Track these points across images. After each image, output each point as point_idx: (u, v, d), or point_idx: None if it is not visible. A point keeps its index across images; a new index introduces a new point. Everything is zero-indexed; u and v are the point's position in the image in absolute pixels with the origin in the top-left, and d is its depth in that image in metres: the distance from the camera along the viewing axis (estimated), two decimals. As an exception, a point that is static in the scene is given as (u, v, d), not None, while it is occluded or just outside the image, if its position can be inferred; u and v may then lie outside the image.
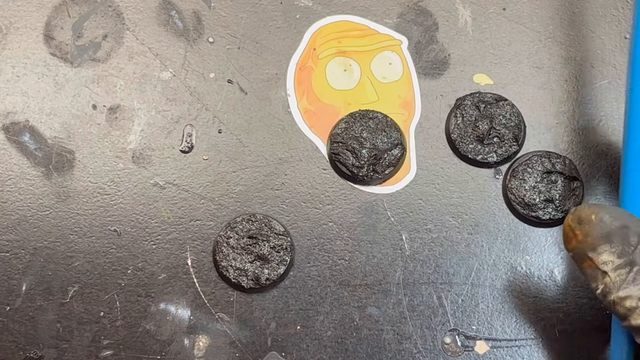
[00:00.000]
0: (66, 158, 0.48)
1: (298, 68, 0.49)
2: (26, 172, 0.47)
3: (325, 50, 0.49)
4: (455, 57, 0.50)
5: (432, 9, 0.50)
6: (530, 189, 0.47)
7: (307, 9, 0.50)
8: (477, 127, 0.48)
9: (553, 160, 0.47)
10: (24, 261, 0.46)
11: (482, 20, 0.50)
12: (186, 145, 0.48)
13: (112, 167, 0.48)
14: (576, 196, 0.47)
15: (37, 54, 0.49)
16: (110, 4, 0.50)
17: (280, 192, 0.47)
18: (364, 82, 0.49)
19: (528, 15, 0.50)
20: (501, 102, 0.48)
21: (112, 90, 0.48)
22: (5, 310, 0.46)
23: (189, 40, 0.49)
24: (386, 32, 0.50)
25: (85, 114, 0.48)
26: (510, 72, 0.49)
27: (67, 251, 0.46)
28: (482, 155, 0.47)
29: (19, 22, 0.49)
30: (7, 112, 0.48)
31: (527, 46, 0.50)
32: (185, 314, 0.46)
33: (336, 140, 0.47)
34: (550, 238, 0.47)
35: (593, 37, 0.50)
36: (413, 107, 0.49)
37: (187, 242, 0.47)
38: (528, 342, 0.46)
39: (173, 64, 0.49)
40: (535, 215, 0.47)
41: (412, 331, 0.46)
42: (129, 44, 0.49)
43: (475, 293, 0.46)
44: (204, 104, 0.48)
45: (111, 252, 0.46)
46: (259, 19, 0.50)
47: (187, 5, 0.50)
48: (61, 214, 0.47)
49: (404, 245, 0.47)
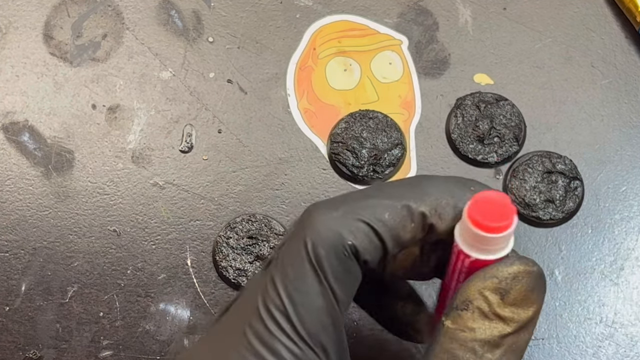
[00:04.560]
0: (65, 158, 0.47)
1: (298, 68, 0.49)
2: (25, 172, 0.47)
3: (325, 50, 0.49)
4: (455, 56, 0.49)
5: (432, 9, 0.50)
6: (531, 189, 0.47)
7: (307, 9, 0.50)
8: (477, 127, 0.47)
9: (553, 160, 0.47)
10: (24, 261, 0.46)
11: (483, 20, 0.50)
12: (186, 145, 0.48)
13: (111, 167, 0.47)
14: (576, 196, 0.47)
15: (36, 53, 0.49)
16: (110, 3, 0.50)
17: (280, 192, 0.47)
18: (364, 82, 0.49)
19: (529, 14, 0.50)
20: (501, 102, 0.48)
21: (111, 90, 0.48)
22: (5, 310, 0.45)
23: (188, 39, 0.49)
24: (386, 31, 0.50)
25: (85, 113, 0.48)
26: (511, 71, 0.49)
27: (66, 251, 0.46)
28: (483, 155, 0.47)
29: (18, 22, 0.49)
30: (7, 112, 0.48)
31: (528, 46, 0.50)
32: (185, 314, 0.46)
33: (336, 140, 0.47)
34: (551, 238, 0.47)
35: (593, 37, 0.50)
36: (413, 107, 0.49)
37: (186, 242, 0.46)
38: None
39: (173, 64, 0.49)
40: (535, 215, 0.46)
41: (413, 331, 0.46)
42: (128, 44, 0.49)
43: (476, 293, 0.46)
44: (204, 104, 0.48)
45: (111, 252, 0.46)
46: (259, 18, 0.50)
47: (187, 5, 0.50)
48: (60, 214, 0.47)
49: (404, 246, 0.47)
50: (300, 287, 0.30)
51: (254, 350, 0.30)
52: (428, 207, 0.31)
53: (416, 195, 0.31)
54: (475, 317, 0.30)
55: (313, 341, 0.30)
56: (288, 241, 0.31)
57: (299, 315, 0.30)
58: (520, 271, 0.30)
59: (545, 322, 0.46)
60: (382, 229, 0.31)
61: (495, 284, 0.30)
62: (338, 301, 0.31)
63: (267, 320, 0.30)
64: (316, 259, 0.30)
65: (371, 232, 0.31)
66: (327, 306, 0.30)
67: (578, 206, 0.47)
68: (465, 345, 0.30)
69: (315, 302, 0.30)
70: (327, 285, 0.30)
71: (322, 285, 0.30)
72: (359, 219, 0.31)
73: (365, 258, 0.31)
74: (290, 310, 0.30)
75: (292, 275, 0.30)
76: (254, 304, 0.31)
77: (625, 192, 0.48)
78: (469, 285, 0.30)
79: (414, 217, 0.31)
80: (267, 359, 0.30)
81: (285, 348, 0.30)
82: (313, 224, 0.31)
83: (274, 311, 0.30)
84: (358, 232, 0.30)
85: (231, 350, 0.30)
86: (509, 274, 0.30)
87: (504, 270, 0.30)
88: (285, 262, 0.31)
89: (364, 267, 0.31)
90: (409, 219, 0.31)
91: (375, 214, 0.31)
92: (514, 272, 0.30)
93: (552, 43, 0.50)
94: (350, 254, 0.31)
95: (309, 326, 0.30)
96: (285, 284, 0.30)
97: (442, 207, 0.31)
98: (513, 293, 0.30)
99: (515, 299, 0.30)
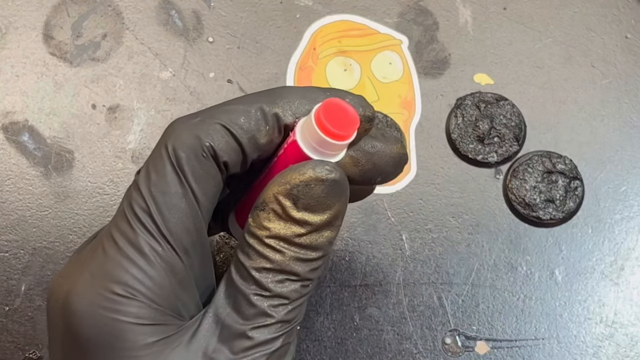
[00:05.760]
0: (65, 158, 0.47)
1: (298, 68, 0.49)
2: (25, 171, 0.47)
3: (326, 49, 0.49)
4: (455, 56, 0.49)
5: (432, 9, 0.50)
6: (531, 189, 0.47)
7: (307, 9, 0.50)
8: (477, 127, 0.47)
9: (554, 160, 0.47)
10: (23, 261, 0.46)
11: (483, 20, 0.50)
12: (186, 145, 0.48)
13: (111, 167, 0.47)
14: (576, 196, 0.47)
15: (36, 53, 0.49)
16: (110, 3, 0.50)
17: (280, 192, 0.47)
18: (364, 82, 0.49)
19: (529, 14, 0.50)
20: (502, 102, 0.48)
21: (111, 90, 0.48)
22: (5, 310, 0.45)
23: (188, 39, 0.49)
24: (386, 31, 0.50)
25: (85, 113, 0.48)
26: (511, 71, 0.49)
27: (66, 251, 0.46)
28: (483, 155, 0.47)
29: (18, 22, 0.49)
30: (7, 112, 0.48)
31: (528, 46, 0.50)
32: (185, 314, 0.46)
33: (336, 140, 0.47)
34: (551, 238, 0.47)
35: (593, 37, 0.50)
36: (413, 107, 0.49)
37: (186, 242, 0.46)
38: (528, 342, 0.46)
39: (173, 64, 0.49)
40: (535, 215, 0.46)
41: (413, 331, 0.46)
42: (128, 44, 0.49)
43: (476, 293, 0.46)
44: (204, 104, 0.48)
45: (111, 252, 0.46)
46: (259, 18, 0.50)
47: (187, 5, 0.50)
48: (60, 213, 0.47)
49: (404, 246, 0.47)
50: (163, 188, 0.31)
51: (117, 247, 0.31)
52: (281, 109, 0.33)
53: (270, 99, 0.33)
54: (271, 217, 0.31)
55: (175, 242, 0.31)
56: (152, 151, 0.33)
57: (162, 215, 0.31)
58: (312, 178, 0.31)
59: (546, 322, 0.46)
60: (239, 131, 0.32)
61: (287, 189, 0.31)
62: (199, 204, 0.32)
63: (131, 219, 0.31)
64: (177, 161, 0.32)
65: (227, 134, 0.32)
66: (190, 209, 0.32)
67: (578, 206, 0.47)
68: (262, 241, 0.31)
69: (178, 203, 0.31)
70: (187, 187, 0.32)
71: (183, 186, 0.31)
72: (216, 122, 0.32)
73: (224, 159, 0.32)
74: (154, 209, 0.31)
75: (155, 178, 0.32)
76: (120, 209, 0.32)
77: (625, 192, 0.48)
78: (268, 188, 0.32)
79: (267, 119, 0.32)
80: (130, 254, 0.31)
81: (148, 245, 0.31)
82: (175, 131, 0.32)
83: (138, 211, 0.31)
84: (215, 134, 0.32)
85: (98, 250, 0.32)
86: (301, 182, 0.31)
87: (295, 178, 0.31)
88: (149, 168, 0.32)
89: (224, 170, 0.33)
90: (263, 121, 0.32)
91: (231, 118, 0.32)
92: (305, 180, 0.31)
93: (552, 43, 0.50)
94: (208, 155, 0.32)
95: (171, 226, 0.31)
96: (149, 186, 0.31)
97: (296, 107, 0.33)
98: (304, 199, 0.31)
99: (307, 205, 0.31)
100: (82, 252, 0.33)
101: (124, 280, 0.31)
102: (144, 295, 0.31)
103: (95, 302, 0.31)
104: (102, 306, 0.30)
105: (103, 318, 0.30)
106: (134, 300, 0.30)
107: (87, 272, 0.31)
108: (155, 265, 0.31)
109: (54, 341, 0.32)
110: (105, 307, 0.30)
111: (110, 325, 0.30)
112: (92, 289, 0.31)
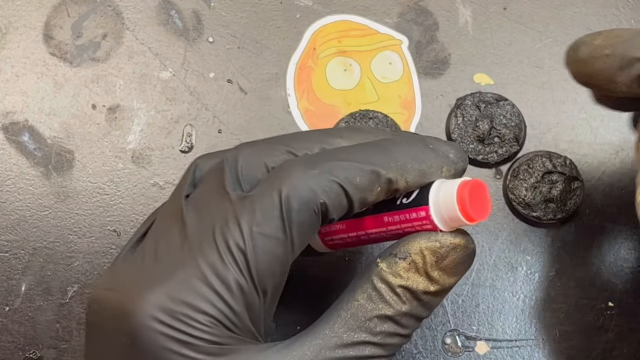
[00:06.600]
0: (65, 158, 0.47)
1: (298, 68, 0.49)
2: (25, 172, 0.47)
3: (326, 50, 0.49)
4: (455, 56, 0.49)
5: (432, 9, 0.50)
6: (531, 189, 0.47)
7: (307, 9, 0.50)
8: (477, 127, 0.47)
9: (554, 160, 0.47)
10: (23, 261, 0.46)
11: (483, 20, 0.50)
12: (186, 145, 0.48)
13: (111, 167, 0.47)
14: (577, 196, 0.47)
15: (36, 53, 0.49)
16: (110, 3, 0.50)
17: (280, 192, 0.47)
18: (364, 82, 0.49)
19: (529, 14, 0.50)
20: (502, 102, 0.48)
21: (111, 90, 0.48)
22: (5, 310, 0.45)
23: (188, 39, 0.49)
24: (386, 31, 0.50)
25: (85, 113, 0.48)
26: (511, 71, 0.49)
27: (66, 251, 0.46)
28: (483, 155, 0.47)
29: (18, 22, 0.49)
30: (7, 112, 0.48)
31: (528, 46, 0.50)
32: (185, 315, 0.46)
33: (336, 140, 0.47)
34: (551, 238, 0.47)
35: (593, 37, 0.50)
36: (413, 107, 0.49)
37: (186, 242, 0.46)
38: (528, 342, 0.46)
39: (173, 64, 0.49)
40: (535, 215, 0.46)
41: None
42: (128, 44, 0.49)
43: (476, 293, 0.46)
44: (204, 104, 0.48)
45: (111, 252, 0.46)
46: (259, 18, 0.50)
47: (187, 5, 0.50)
48: (60, 214, 0.47)
49: (404, 246, 0.47)
50: (266, 232, 0.32)
51: (205, 278, 0.32)
52: (394, 174, 0.34)
53: (385, 161, 0.34)
54: (409, 268, 0.34)
55: (259, 283, 0.32)
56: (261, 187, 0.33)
57: (256, 256, 0.32)
58: (460, 244, 0.34)
59: (546, 322, 0.46)
60: (353, 191, 0.33)
61: (437, 247, 0.34)
62: (294, 252, 0.33)
63: (224, 253, 0.32)
64: (287, 210, 0.32)
65: (342, 193, 0.33)
66: (283, 255, 0.33)
67: (578, 206, 0.47)
68: (392, 289, 0.34)
69: (274, 249, 0.32)
70: (289, 236, 0.32)
71: (286, 235, 0.32)
72: (333, 180, 0.33)
73: (332, 217, 0.33)
74: (250, 249, 0.32)
75: (260, 219, 0.32)
76: (209, 236, 0.32)
77: (625, 192, 0.48)
78: (414, 240, 0.34)
79: (381, 182, 0.34)
80: (217, 287, 0.31)
81: (235, 281, 0.32)
82: (291, 178, 0.33)
83: (232, 246, 0.32)
84: (331, 193, 0.33)
85: (178, 273, 0.32)
86: (451, 244, 0.34)
87: (448, 239, 0.34)
88: (256, 206, 0.32)
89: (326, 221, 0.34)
90: (376, 184, 0.34)
91: (348, 177, 0.33)
92: (455, 243, 0.34)
93: (552, 43, 0.50)
94: (319, 212, 0.33)
95: (261, 269, 0.32)
96: (251, 225, 0.32)
97: (408, 171, 0.34)
98: (448, 260, 0.34)
99: (447, 266, 0.34)
100: (139, 263, 0.34)
101: (208, 311, 0.31)
102: (225, 325, 0.32)
103: (174, 326, 0.31)
104: (182, 331, 0.31)
105: (181, 343, 0.31)
106: (214, 327, 0.31)
107: (162, 294, 0.32)
108: (238, 299, 0.32)
109: (107, 354, 0.33)
110: (184, 332, 0.31)
111: (185, 348, 0.31)
112: (171, 313, 0.31)
